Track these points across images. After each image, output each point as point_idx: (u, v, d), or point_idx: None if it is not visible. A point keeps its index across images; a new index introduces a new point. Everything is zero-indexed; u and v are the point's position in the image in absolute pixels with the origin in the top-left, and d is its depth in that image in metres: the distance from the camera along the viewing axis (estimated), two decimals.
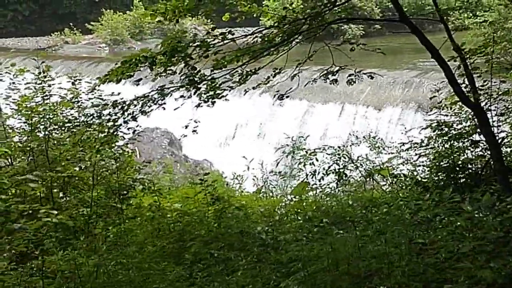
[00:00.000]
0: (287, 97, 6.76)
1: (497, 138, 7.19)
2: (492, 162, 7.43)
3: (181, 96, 6.51)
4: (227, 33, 6.41)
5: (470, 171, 8.25)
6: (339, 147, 8.80)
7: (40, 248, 5.82)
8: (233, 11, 7.68)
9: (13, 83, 8.03)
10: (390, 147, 9.04)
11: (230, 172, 12.35)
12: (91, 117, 6.37)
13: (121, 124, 6.54)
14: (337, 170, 8.65)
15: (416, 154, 8.57)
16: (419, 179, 8.30)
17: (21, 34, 51.07)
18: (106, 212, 7.01)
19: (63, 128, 7.72)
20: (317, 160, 8.66)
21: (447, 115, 8.56)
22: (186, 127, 6.58)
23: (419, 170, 8.64)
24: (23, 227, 5.90)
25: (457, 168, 8.23)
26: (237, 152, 20.41)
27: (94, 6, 49.66)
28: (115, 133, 6.55)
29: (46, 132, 7.27)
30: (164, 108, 6.64)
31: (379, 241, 5.42)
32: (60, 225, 6.41)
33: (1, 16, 53.66)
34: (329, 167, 8.64)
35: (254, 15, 8.40)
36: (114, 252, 5.75)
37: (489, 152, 7.86)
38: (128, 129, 6.71)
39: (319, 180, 8.75)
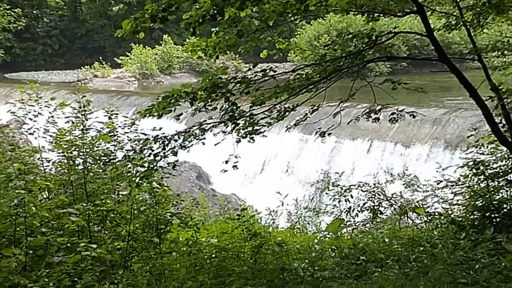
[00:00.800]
0: (329, 134, 6.78)
1: None
2: None
3: (223, 132, 6.57)
4: (268, 70, 6.48)
5: (505, 210, 8.18)
6: (374, 184, 8.77)
7: (80, 282, 5.84)
8: (270, 48, 7.78)
9: (52, 117, 8.15)
10: (425, 185, 8.98)
11: (258, 207, 12.32)
12: (133, 151, 6.44)
13: (161, 159, 6.61)
14: (371, 208, 8.60)
15: (452, 193, 8.52)
16: (455, 218, 8.23)
17: (50, 67, 52.03)
18: (144, 246, 7.03)
19: (99, 162, 7.79)
20: (352, 196, 8.62)
21: (483, 153, 8.53)
22: (227, 162, 6.63)
23: (454, 208, 8.58)
24: (63, 260, 5.94)
25: (493, 208, 8.16)
26: (265, 187, 20.47)
27: (123, 41, 50.31)
28: (154, 167, 6.61)
29: (85, 166, 7.35)
30: (203, 143, 6.71)
31: (422, 280, 5.36)
32: (97, 259, 6.43)
33: (31, 50, 54.70)
34: (363, 204, 8.60)
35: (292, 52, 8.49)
36: (154, 287, 5.75)
37: None
38: (168, 164, 6.76)
39: (353, 217, 8.70)
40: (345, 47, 6.87)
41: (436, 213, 8.59)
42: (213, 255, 7.06)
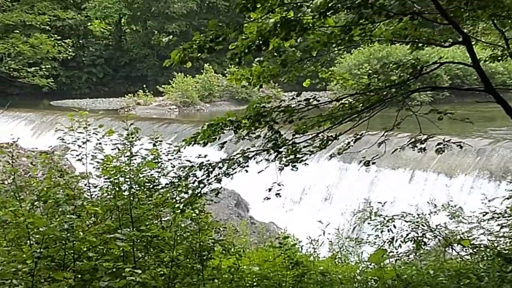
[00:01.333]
0: (373, 163, 6.78)
1: None
2: None
3: (266, 160, 6.63)
4: (311, 99, 6.55)
5: None
6: (418, 214, 8.70)
7: None
8: (313, 77, 7.87)
9: (100, 143, 8.33)
10: (471, 216, 8.87)
11: (297, 236, 12.29)
12: (178, 177, 6.56)
13: (205, 186, 6.71)
14: (415, 238, 8.52)
15: (498, 225, 8.40)
16: (501, 250, 8.10)
17: (95, 95, 53.05)
18: (186, 272, 7.08)
19: (143, 188, 7.91)
20: (394, 227, 8.57)
21: None
22: (270, 190, 6.68)
23: (500, 241, 8.44)
24: (109, 285, 6.01)
25: None
26: (304, 216, 20.39)
27: (165, 69, 51.21)
28: (199, 194, 6.72)
29: (131, 192, 7.47)
30: (246, 171, 6.79)
31: None
32: (141, 284, 6.50)
33: (76, 78, 55.94)
34: (407, 234, 8.53)
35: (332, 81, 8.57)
36: None
37: None
38: (212, 190, 6.86)
39: (396, 248, 8.63)
40: (388, 76, 6.90)
41: (482, 246, 8.45)
42: (255, 283, 7.07)
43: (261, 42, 5.86)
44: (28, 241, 6.19)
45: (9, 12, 28.53)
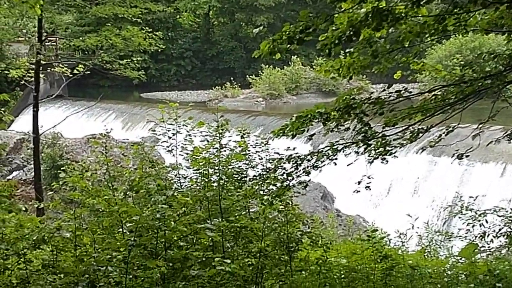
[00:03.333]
0: (467, 156, 6.61)
1: None
2: None
3: (355, 152, 6.58)
4: (402, 91, 6.44)
5: None
6: (511, 209, 8.44)
7: None
8: (404, 69, 7.72)
9: (189, 135, 8.49)
10: None
11: (385, 229, 12.15)
12: (266, 170, 6.61)
13: (293, 178, 6.74)
14: (508, 233, 8.28)
15: None
16: None
17: (183, 87, 53.94)
18: (274, 263, 7.13)
19: (231, 179, 8.01)
20: (486, 221, 8.35)
21: None
22: (359, 183, 6.63)
23: None
24: (199, 274, 6.14)
25: None
26: (391, 209, 20.09)
27: (252, 62, 51.50)
28: (287, 186, 6.75)
29: (220, 183, 7.58)
30: (335, 164, 6.76)
31: None
32: (229, 274, 6.59)
33: (165, 71, 56.92)
34: (499, 229, 8.29)
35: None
36: None
37: None
38: (300, 183, 6.87)
39: (488, 243, 8.41)
40: (483, 67, 6.69)
41: None
42: (343, 276, 7.05)
43: (351, 32, 5.77)
44: (121, 229, 6.41)
45: (102, 6, 29.35)
